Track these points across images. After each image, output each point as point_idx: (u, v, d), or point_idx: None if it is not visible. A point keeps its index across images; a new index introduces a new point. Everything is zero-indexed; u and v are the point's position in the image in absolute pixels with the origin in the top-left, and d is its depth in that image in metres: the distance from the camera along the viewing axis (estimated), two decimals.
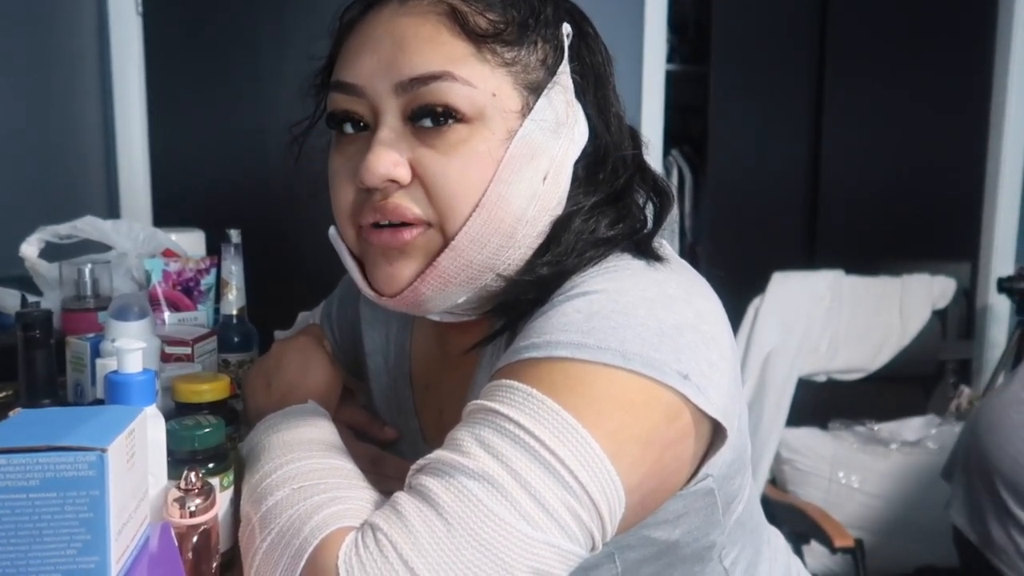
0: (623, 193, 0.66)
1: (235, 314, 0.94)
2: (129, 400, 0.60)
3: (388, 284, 0.63)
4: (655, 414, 0.53)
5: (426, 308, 0.65)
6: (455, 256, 0.60)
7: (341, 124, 0.64)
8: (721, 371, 0.56)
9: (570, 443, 0.50)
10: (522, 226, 0.61)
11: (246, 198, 2.20)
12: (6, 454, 0.44)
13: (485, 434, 0.51)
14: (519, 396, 0.52)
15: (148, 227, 1.09)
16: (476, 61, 0.59)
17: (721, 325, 0.59)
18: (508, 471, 0.49)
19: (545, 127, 0.61)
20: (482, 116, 0.59)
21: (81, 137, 2.04)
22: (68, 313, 0.92)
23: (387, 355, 0.81)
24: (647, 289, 0.57)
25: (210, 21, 2.20)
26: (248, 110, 2.24)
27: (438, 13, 0.60)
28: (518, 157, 0.60)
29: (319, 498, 0.55)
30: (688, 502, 0.61)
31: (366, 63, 0.61)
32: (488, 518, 0.48)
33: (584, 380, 0.52)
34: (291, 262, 2.05)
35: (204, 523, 0.58)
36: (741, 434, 0.63)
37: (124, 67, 2.13)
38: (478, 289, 0.63)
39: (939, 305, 2.21)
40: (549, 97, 0.62)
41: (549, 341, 0.54)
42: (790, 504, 1.89)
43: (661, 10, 2.32)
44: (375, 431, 0.81)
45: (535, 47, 0.62)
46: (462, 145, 0.59)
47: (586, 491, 0.50)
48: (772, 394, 2.03)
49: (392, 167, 0.59)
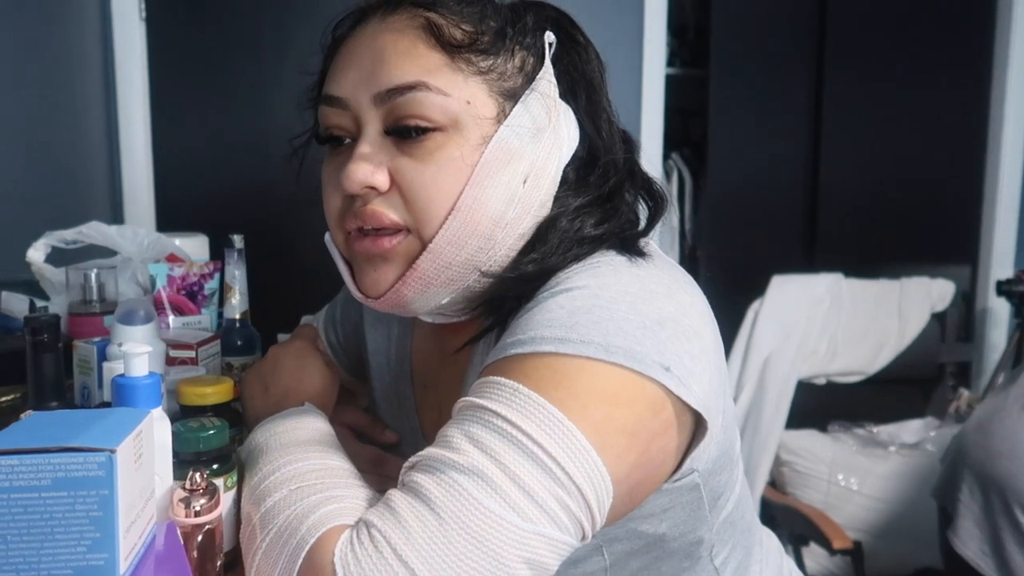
0: (612, 195, 0.67)
1: (238, 318, 0.96)
2: (136, 403, 0.61)
3: (372, 287, 0.66)
4: (639, 406, 0.54)
5: (411, 309, 0.68)
6: (433, 258, 0.63)
7: (330, 140, 0.67)
8: (703, 364, 0.58)
9: (557, 436, 0.52)
10: (500, 228, 0.63)
11: (248, 202, 2.21)
12: (19, 455, 0.45)
13: (474, 430, 0.53)
14: (506, 392, 0.54)
15: (152, 232, 1.11)
16: (450, 71, 0.62)
17: (704, 319, 0.61)
18: (497, 465, 0.51)
19: (522, 132, 0.63)
20: (456, 124, 0.62)
21: (85, 142, 2.05)
22: (74, 317, 0.94)
23: (389, 355, 0.83)
24: (629, 284, 0.59)
25: (212, 27, 2.22)
26: (250, 115, 2.26)
27: (415, 27, 0.63)
28: (493, 161, 0.62)
29: (315, 498, 0.57)
30: (673, 496, 0.62)
31: (350, 77, 0.64)
32: (479, 511, 0.50)
33: (568, 374, 0.54)
34: (292, 265, 2.06)
35: (208, 523, 0.60)
36: (727, 430, 0.65)
37: (128, 72, 2.15)
38: (462, 289, 0.66)
39: (938, 308, 2.22)
40: (527, 103, 0.64)
41: (534, 337, 0.56)
42: (789, 506, 1.90)
43: (661, 14, 2.34)
44: (376, 434, 0.83)
45: (511, 55, 0.65)
46: (437, 152, 0.62)
47: (574, 482, 0.51)
48: (771, 396, 2.04)
49: (369, 175, 0.63)
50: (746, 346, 2.09)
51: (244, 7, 2.22)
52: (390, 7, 0.65)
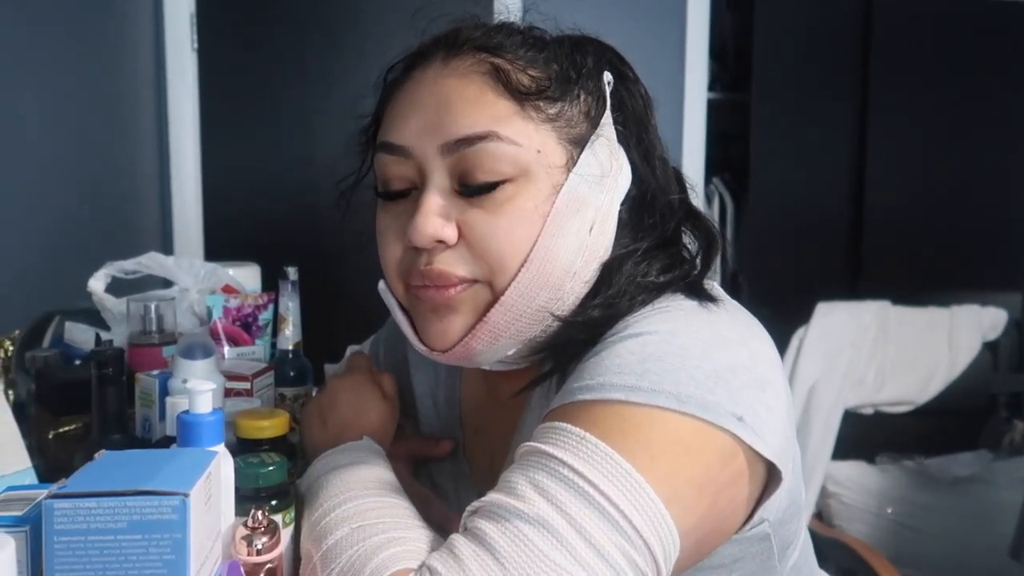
0: (673, 238, 0.67)
1: (291, 348, 0.97)
2: (200, 439, 0.62)
3: (439, 339, 0.64)
4: (709, 457, 0.53)
5: (477, 361, 0.66)
6: (505, 311, 0.62)
7: (389, 192, 0.65)
8: (776, 413, 0.56)
9: (624, 487, 0.51)
10: (570, 277, 0.62)
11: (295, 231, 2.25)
12: (96, 497, 0.47)
13: (539, 478, 0.52)
14: (573, 439, 0.53)
15: (208, 263, 1.14)
16: (520, 119, 0.61)
17: (775, 367, 0.60)
18: (563, 516, 0.50)
19: (590, 179, 0.62)
20: (527, 173, 0.61)
21: (138, 172, 2.11)
22: (134, 348, 0.96)
23: (436, 399, 0.82)
24: (700, 330, 0.57)
25: (262, 57, 2.28)
26: (297, 144, 2.30)
27: (481, 72, 0.61)
28: (564, 211, 0.61)
29: (378, 539, 0.56)
30: (743, 547, 0.61)
31: (412, 124, 0.63)
32: (544, 563, 0.49)
33: (638, 424, 0.53)
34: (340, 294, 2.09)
35: (270, 561, 0.60)
36: (796, 478, 0.63)
37: (179, 101, 2.21)
38: (529, 340, 0.64)
39: (990, 337, 2.17)
40: (593, 149, 0.63)
41: (603, 383, 0.55)
42: (836, 539, 1.85)
43: (702, 38, 2.34)
44: (430, 451, 0.81)
45: (578, 100, 0.64)
46: (508, 203, 0.60)
47: (640, 535, 0.50)
48: (817, 426, 2.01)
49: (440, 228, 0.61)
50: (791, 374, 2.06)
51: (292, 38, 2.28)
52: (452, 50, 0.63)
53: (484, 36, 0.64)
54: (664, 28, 2.34)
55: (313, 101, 2.28)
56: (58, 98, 1.65)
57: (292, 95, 2.28)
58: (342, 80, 2.23)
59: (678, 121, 2.36)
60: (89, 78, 1.80)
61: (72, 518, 0.46)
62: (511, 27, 0.66)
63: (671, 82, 2.34)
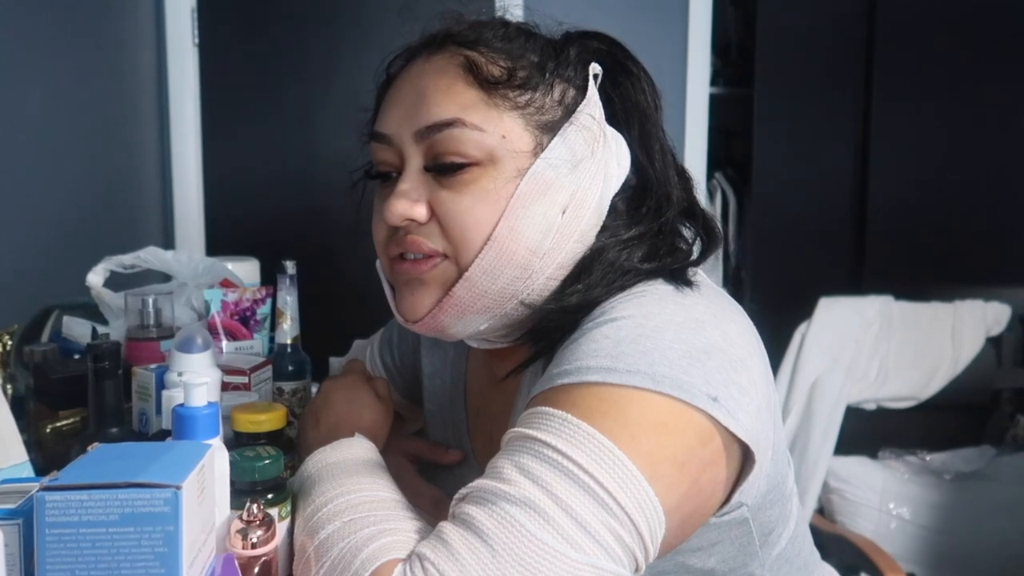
0: (664, 229, 0.67)
1: (289, 343, 0.97)
2: (195, 432, 0.62)
3: (411, 311, 0.68)
4: (688, 436, 0.54)
5: (449, 334, 0.70)
6: (469, 286, 0.65)
7: (377, 175, 0.71)
8: (749, 395, 0.57)
9: (608, 466, 0.51)
10: (538, 257, 0.64)
11: (297, 226, 2.25)
12: (88, 490, 0.46)
13: (524, 460, 0.53)
14: (555, 422, 0.54)
15: (207, 257, 1.13)
16: (486, 107, 0.64)
17: (751, 349, 0.60)
18: (549, 496, 0.51)
19: (559, 164, 0.64)
20: (492, 157, 0.64)
21: (139, 166, 2.11)
22: (132, 342, 0.96)
23: (444, 378, 0.84)
24: (674, 313, 0.59)
25: (263, 52, 2.28)
26: (298, 140, 2.30)
27: (455, 65, 0.65)
28: (528, 193, 0.64)
29: (368, 531, 0.57)
30: (722, 531, 0.61)
31: (394, 114, 0.68)
32: (532, 543, 0.50)
33: (617, 403, 0.54)
34: (341, 289, 2.09)
35: (265, 554, 0.60)
36: (777, 464, 0.64)
37: (180, 96, 2.21)
38: (501, 316, 0.67)
39: (993, 332, 2.15)
40: (565, 136, 0.65)
41: (580, 367, 0.56)
42: (839, 535, 1.84)
43: (705, 33, 2.33)
44: (439, 457, 0.83)
45: (550, 88, 0.66)
46: (473, 184, 0.64)
47: (626, 512, 0.51)
48: (819, 422, 2.00)
49: (408, 209, 0.66)
50: (792, 370, 2.05)
51: (293, 33, 2.27)
52: (435, 47, 0.68)
53: (466, 32, 0.68)
54: (667, 23, 2.33)
55: (314, 95, 2.27)
56: (59, 93, 1.65)
57: (293, 90, 2.28)
58: (343, 74, 2.23)
59: (680, 116, 2.35)
60: (90, 72, 1.80)
61: (64, 510, 0.46)
62: (497, 22, 0.69)
63: (673, 77, 2.34)
